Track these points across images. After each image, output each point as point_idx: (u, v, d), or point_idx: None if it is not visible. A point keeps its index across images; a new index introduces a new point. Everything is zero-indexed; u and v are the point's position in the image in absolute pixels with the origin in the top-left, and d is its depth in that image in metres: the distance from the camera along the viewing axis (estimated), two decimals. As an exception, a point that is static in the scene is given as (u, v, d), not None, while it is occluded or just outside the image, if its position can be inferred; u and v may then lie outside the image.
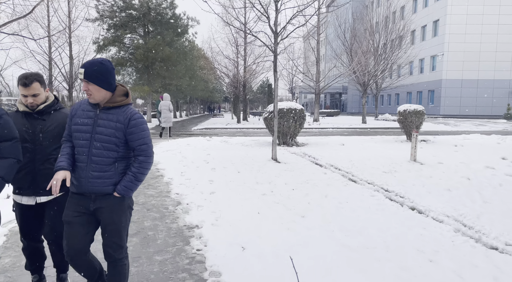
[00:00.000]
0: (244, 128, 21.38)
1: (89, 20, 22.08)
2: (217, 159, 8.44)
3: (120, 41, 22.67)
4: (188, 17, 23.49)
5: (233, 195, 5.74)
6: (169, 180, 6.70)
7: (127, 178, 2.32)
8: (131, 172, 2.34)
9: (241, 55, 24.35)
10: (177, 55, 22.62)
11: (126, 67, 23.38)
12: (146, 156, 2.36)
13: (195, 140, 12.44)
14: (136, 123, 2.32)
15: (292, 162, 8.32)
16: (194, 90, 33.76)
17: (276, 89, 8.20)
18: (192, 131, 20.24)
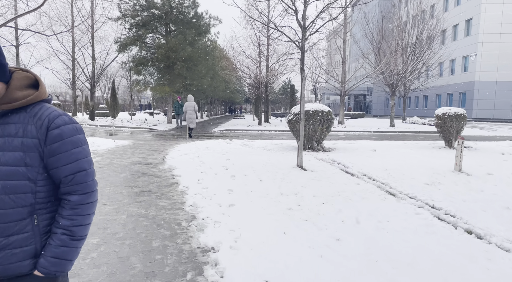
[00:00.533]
0: (266, 130, 20.67)
1: (112, 19, 21.96)
2: (237, 165, 7.76)
3: (141, 40, 22.43)
4: (210, 16, 23.03)
5: (255, 209, 5.04)
6: (184, 189, 6.07)
7: (56, 240, 1.34)
8: (61, 227, 1.35)
9: (263, 54, 23.68)
10: (198, 55, 22.17)
11: (147, 67, 23.12)
12: (83, 194, 1.40)
13: (214, 142, 11.83)
14: (62, 134, 1.34)
15: (319, 169, 7.54)
16: (215, 90, 33.34)
17: (302, 89, 7.45)
18: (212, 132, 19.71)
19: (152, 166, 7.85)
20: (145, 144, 12.04)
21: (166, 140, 13.92)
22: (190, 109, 14.99)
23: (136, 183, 6.34)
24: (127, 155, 9.20)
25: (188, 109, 15.00)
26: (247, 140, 13.19)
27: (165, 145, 11.83)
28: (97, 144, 10.57)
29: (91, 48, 23.24)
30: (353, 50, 32.90)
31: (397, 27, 24.28)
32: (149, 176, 6.89)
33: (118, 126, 20.99)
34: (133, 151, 10.01)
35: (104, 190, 5.82)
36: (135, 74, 23.64)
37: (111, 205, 5.05)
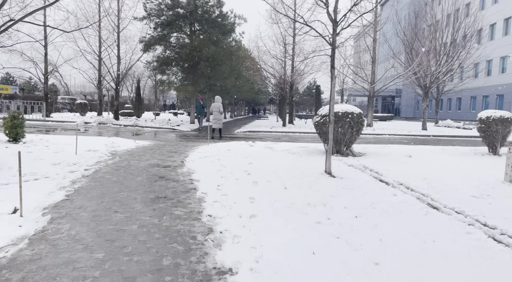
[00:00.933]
0: (290, 132, 20.06)
1: (137, 18, 21.99)
2: (260, 170, 7.24)
3: (166, 40, 22.35)
4: (235, 15, 22.67)
5: (279, 222, 4.50)
6: (202, 196, 5.60)
7: None
8: None
9: (288, 54, 23.07)
10: (222, 54, 21.83)
11: (171, 66, 23.02)
12: None
13: (236, 145, 11.37)
14: None
15: (349, 177, 6.90)
16: (239, 91, 33.01)
17: (332, 88, 6.84)
18: (235, 133, 19.30)
19: (170, 169, 7.45)
20: (165, 145, 11.74)
21: (188, 141, 13.59)
22: (216, 110, 15.08)
23: (152, 188, 5.93)
24: (146, 156, 8.86)
25: (213, 110, 15.10)
26: (270, 142, 12.66)
27: (186, 146, 11.47)
28: (117, 145, 10.33)
29: (117, 48, 23.38)
30: (382, 50, 31.68)
31: (431, 26, 23.07)
32: (166, 180, 6.48)
33: (141, 126, 20.95)
34: (153, 152, 9.68)
35: (117, 195, 5.44)
36: (159, 74, 23.60)
37: (123, 213, 4.64)
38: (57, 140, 10.43)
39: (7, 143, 8.87)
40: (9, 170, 6.30)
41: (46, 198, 5.08)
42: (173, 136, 16.30)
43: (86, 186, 5.82)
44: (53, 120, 22.29)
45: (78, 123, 21.70)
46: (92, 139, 11.45)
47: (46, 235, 3.82)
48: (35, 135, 11.20)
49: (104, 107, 46.15)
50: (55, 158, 7.62)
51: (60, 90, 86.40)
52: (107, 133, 16.47)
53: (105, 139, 11.44)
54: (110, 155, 8.78)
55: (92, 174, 6.70)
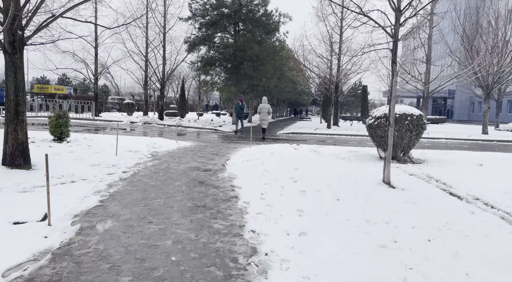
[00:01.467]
0: (336, 135, 19.05)
1: (182, 19, 22.06)
2: (308, 177, 6.53)
3: (210, 40, 22.24)
4: (280, 14, 22.04)
5: (334, 242, 3.80)
6: (244, 206, 5.02)
7: None
8: None
9: (335, 53, 22.03)
10: (266, 54, 21.30)
11: (215, 67, 22.88)
12: None
13: (280, 147, 10.73)
14: None
15: (412, 188, 6.00)
16: (281, 91, 32.34)
17: (394, 87, 5.99)
18: (278, 135, 18.66)
19: (211, 174, 6.96)
20: (207, 146, 11.36)
21: (229, 143, 13.16)
22: (264, 111, 15.47)
23: (191, 195, 5.45)
24: (186, 159, 8.48)
25: (262, 110, 15.50)
26: (316, 145, 11.88)
27: (228, 148, 11.01)
28: (158, 145, 10.09)
29: (163, 49, 23.66)
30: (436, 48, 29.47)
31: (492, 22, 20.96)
32: (206, 186, 5.98)
33: (185, 126, 20.96)
34: (194, 154, 9.30)
35: (154, 202, 5.00)
36: (203, 74, 23.56)
37: (158, 224, 4.17)
38: (100, 139, 10.41)
39: (52, 142, 8.89)
40: (48, 171, 6.11)
41: (79, 203, 4.75)
42: (215, 137, 16.00)
43: (122, 191, 5.46)
44: (101, 119, 23.00)
45: (124, 122, 22.21)
46: (134, 139, 11.35)
47: (71, 250, 3.41)
48: (81, 134, 11.30)
49: (150, 107, 47.56)
50: (95, 159, 7.42)
51: (111, 91, 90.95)
52: (150, 132, 16.53)
53: (147, 139, 11.30)
54: (150, 156, 8.49)
55: (130, 177, 6.37)
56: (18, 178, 5.61)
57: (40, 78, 62.85)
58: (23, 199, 4.77)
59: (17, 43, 5.99)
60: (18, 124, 6.13)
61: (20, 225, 3.88)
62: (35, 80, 63.73)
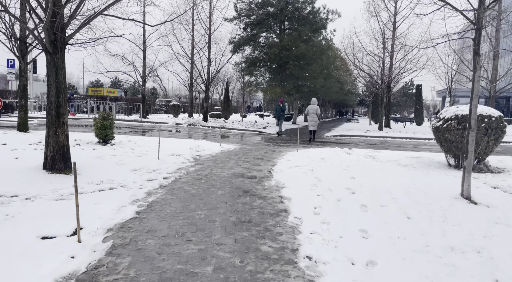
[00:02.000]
0: (389, 137, 17.70)
1: (227, 19, 21.81)
2: (367, 188, 5.69)
3: (255, 40, 21.79)
4: (328, 11, 21.06)
5: (414, 279, 3.00)
6: (296, 222, 4.33)
7: None
8: None
9: (387, 50, 20.60)
10: (312, 53, 20.42)
11: (259, 67, 22.38)
12: None
13: (330, 152, 9.88)
14: None
15: (499, 204, 4.96)
16: (328, 92, 31.18)
17: (476, 83, 5.00)
18: (325, 137, 17.71)
19: (256, 181, 6.35)
20: (251, 149, 10.80)
21: (274, 146, 12.51)
22: (313, 112, 15.20)
23: (235, 207, 4.86)
24: (230, 164, 7.95)
25: (310, 112, 15.26)
26: (370, 149, 10.87)
27: (273, 152, 10.37)
28: (201, 148, 9.68)
29: (207, 50, 23.60)
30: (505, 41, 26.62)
31: None
32: (251, 197, 5.37)
33: (228, 127, 20.66)
34: (238, 158, 8.76)
35: (194, 215, 4.47)
36: (247, 75, 23.17)
37: (197, 244, 3.61)
38: (144, 142, 10.22)
39: (96, 145, 8.79)
40: (87, 176, 5.84)
41: (114, 214, 4.34)
42: (259, 139, 15.43)
43: (161, 200, 5.00)
44: (148, 121, 23.39)
45: (170, 124, 22.38)
46: (178, 142, 11.08)
47: (98, 275, 2.93)
48: (126, 137, 11.22)
49: (195, 109, 48.28)
50: (137, 163, 7.11)
51: (159, 93, 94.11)
52: (195, 134, 16.34)
53: (190, 142, 10.97)
54: (193, 160, 8.07)
55: (170, 184, 5.93)
56: (57, 184, 5.36)
57: (95, 82, 66.38)
58: (57, 208, 4.45)
59: (58, 43, 5.77)
60: (59, 127, 5.92)
61: (48, 241, 3.50)
62: (90, 84, 67.50)
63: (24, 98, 10.67)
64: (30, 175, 5.61)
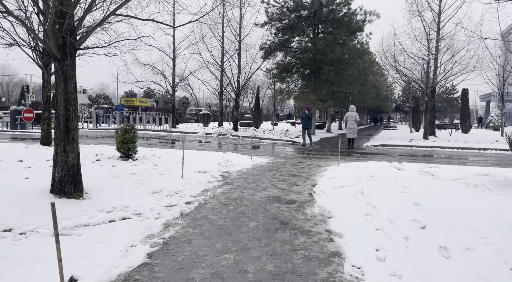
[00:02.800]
0: (438, 147, 16.01)
1: (258, 25, 21.00)
2: (440, 220, 4.47)
3: (287, 45, 20.80)
4: (365, 12, 19.72)
5: None
6: (356, 275, 3.22)
7: None
8: None
9: (431, 53, 18.91)
10: (349, 57, 19.13)
11: (291, 73, 21.33)
12: None
13: (377, 166, 8.63)
14: None
15: None
16: (364, 98, 29.55)
17: None
18: (364, 147, 16.30)
19: (295, 208, 5.28)
20: (286, 163, 9.73)
21: (311, 158, 11.36)
22: (352, 119, 14.97)
23: (272, 247, 3.82)
24: (263, 183, 6.92)
25: (349, 119, 15.00)
26: (424, 164, 9.49)
27: (311, 166, 9.25)
28: (231, 163, 8.75)
29: (238, 57, 22.88)
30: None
31: None
32: (291, 231, 4.30)
33: (259, 137, 19.69)
34: (271, 176, 7.72)
35: (220, 260, 3.47)
36: (279, 82, 22.18)
37: (222, 313, 2.59)
38: (170, 156, 9.42)
39: (117, 161, 8.04)
40: (98, 201, 5.01)
41: (120, 259, 3.42)
42: (293, 151, 14.33)
43: (180, 236, 4.05)
44: (178, 131, 22.92)
45: (199, 134, 21.76)
46: (206, 155, 10.21)
47: None
48: (151, 150, 10.49)
49: (226, 117, 47.84)
50: (157, 183, 6.25)
51: (190, 102, 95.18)
52: (224, 145, 15.50)
53: (219, 156, 10.07)
54: (221, 179, 7.12)
55: (193, 211, 4.98)
56: (62, 213, 4.54)
57: (128, 92, 67.91)
58: (51, 252, 3.59)
59: (67, 47, 5.02)
60: (69, 144, 5.15)
61: (23, 306, 2.61)
62: (124, 94, 69.13)
63: (48, 110, 10.22)
64: (34, 201, 4.85)
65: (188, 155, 9.58)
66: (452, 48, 18.36)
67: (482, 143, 16.76)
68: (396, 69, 18.48)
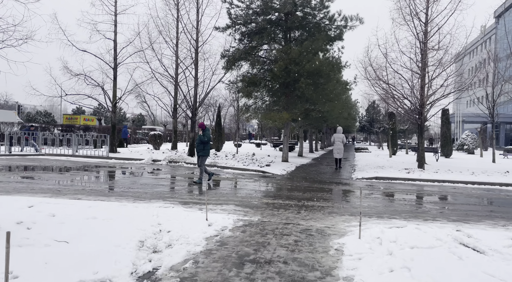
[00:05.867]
0: (447, 182, 12.71)
1: (219, 29, 17.31)
2: None
3: (254, 53, 17.23)
4: (345, 17, 16.67)
5: None
6: None
7: None
8: None
9: (418, 67, 16.12)
10: (329, 68, 15.85)
11: (260, 87, 17.69)
12: None
13: (429, 240, 4.98)
14: None
15: None
16: (339, 117, 26.60)
17: None
18: (354, 181, 12.79)
19: None
20: (265, 227, 5.82)
21: (300, 211, 7.51)
22: (339, 140, 16.34)
23: None
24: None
25: (336, 140, 16.38)
26: (451, 224, 5.96)
27: (310, 237, 5.43)
28: (166, 239, 4.68)
29: (194, 67, 18.94)
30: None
31: None
32: None
33: (221, 166, 15.68)
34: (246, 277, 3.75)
35: None
36: (244, 97, 18.45)
37: None
38: (55, 222, 5.15)
39: None
40: None
41: None
42: (268, 191, 10.47)
43: None
44: (117, 156, 18.31)
45: (144, 161, 17.35)
46: (127, 214, 6.04)
47: None
48: (28, 206, 6.11)
49: (184, 137, 43.15)
50: None
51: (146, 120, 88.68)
52: (172, 183, 11.34)
53: (150, 216, 5.93)
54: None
55: None
56: None
57: (76, 109, 61.17)
58: None
59: None
60: None
61: None
62: (71, 111, 62.27)
63: None
64: None
65: (92, 219, 5.41)
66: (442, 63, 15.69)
67: (493, 176, 13.84)
68: (388, 84, 15.40)
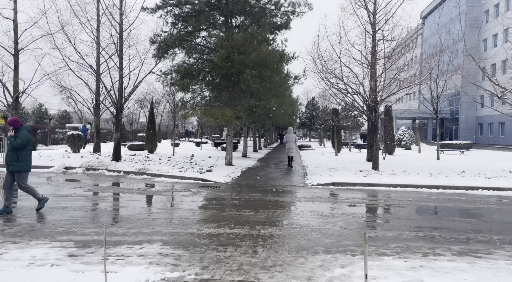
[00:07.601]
0: (409, 186, 11.50)
1: (147, 10, 14.58)
2: None
3: (190, 40, 14.82)
4: (292, 2, 14.98)
5: None
6: None
7: None
8: None
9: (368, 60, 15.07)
10: (277, 59, 14.04)
11: (198, 80, 15.32)
12: None
13: None
14: None
15: None
16: (284, 115, 25.13)
17: None
18: (310, 189, 11.11)
19: None
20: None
21: (256, 243, 5.47)
22: (291, 140, 16.72)
23: None
24: None
25: (289, 139, 16.75)
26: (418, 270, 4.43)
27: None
28: None
29: (118, 57, 15.94)
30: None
31: None
32: None
33: (152, 173, 13.10)
34: None
35: None
36: (180, 91, 15.95)
37: None
38: None
39: None
40: None
41: None
42: (211, 211, 8.31)
43: None
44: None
45: (54, 169, 14.10)
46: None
47: None
48: None
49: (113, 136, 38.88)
50: None
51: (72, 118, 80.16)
52: (79, 208, 8.68)
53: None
54: None
55: None
56: None
57: None
58: None
59: None
60: None
61: None
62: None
63: None
64: None
65: None
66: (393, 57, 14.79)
67: (452, 177, 13.08)
68: (338, 78, 14.01)
